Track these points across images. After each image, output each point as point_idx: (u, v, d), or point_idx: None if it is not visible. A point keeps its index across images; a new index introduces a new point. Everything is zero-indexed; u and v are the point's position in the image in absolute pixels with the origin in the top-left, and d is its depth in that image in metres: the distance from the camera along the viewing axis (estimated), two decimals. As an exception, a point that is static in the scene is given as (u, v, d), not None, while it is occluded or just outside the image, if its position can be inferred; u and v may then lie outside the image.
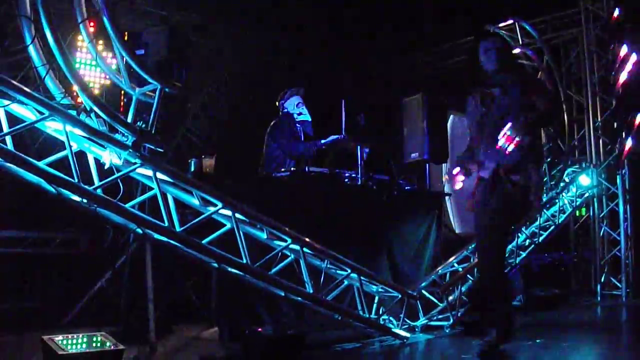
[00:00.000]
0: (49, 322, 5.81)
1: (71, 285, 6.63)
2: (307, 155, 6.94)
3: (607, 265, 9.14)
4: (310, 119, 7.34)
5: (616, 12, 8.68)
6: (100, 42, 5.43)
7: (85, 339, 4.07)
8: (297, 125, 7.27)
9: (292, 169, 6.22)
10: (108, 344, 4.11)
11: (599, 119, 9.48)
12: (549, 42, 9.89)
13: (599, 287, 9.02)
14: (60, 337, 4.02)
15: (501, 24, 9.09)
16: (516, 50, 8.74)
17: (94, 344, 4.07)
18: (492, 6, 9.62)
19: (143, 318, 5.02)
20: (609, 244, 9.24)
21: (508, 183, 4.70)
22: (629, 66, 8.43)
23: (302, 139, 7.27)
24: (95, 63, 5.19)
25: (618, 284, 8.85)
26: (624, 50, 8.50)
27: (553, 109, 5.43)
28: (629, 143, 8.72)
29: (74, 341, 4.02)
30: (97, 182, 4.13)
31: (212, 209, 4.66)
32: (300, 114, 7.28)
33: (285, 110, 7.31)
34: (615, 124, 9.03)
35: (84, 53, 6.36)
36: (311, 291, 5.06)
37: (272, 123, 7.19)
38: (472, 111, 5.02)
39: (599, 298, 8.86)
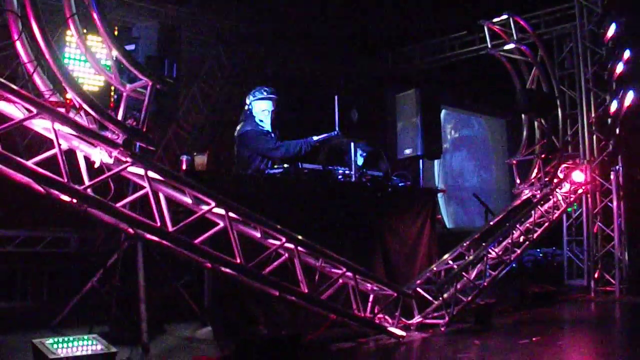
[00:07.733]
0: (39, 322, 5.73)
1: (62, 285, 6.55)
2: (298, 155, 6.42)
3: (601, 262, 9.11)
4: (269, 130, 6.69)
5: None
6: (90, 37, 5.31)
7: (76, 342, 3.99)
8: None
9: (284, 165, 6.09)
10: (100, 346, 4.03)
11: (593, 115, 9.44)
12: (542, 37, 9.84)
13: (592, 283, 9.00)
14: (51, 340, 3.94)
15: (495, 19, 9.01)
16: (510, 46, 8.68)
17: (85, 347, 3.98)
18: (486, 1, 9.56)
19: (135, 318, 4.94)
20: (602, 240, 9.20)
21: None
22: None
23: None
24: (85, 58, 5.07)
25: (612, 280, 8.81)
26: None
27: None
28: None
29: (65, 344, 3.94)
30: (87, 182, 4.03)
31: (204, 207, 4.57)
32: (261, 120, 6.63)
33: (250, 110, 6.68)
34: (609, 120, 8.95)
35: (73, 48, 6.25)
36: (306, 290, 4.99)
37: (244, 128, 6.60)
38: None
39: (592, 294, 8.84)
